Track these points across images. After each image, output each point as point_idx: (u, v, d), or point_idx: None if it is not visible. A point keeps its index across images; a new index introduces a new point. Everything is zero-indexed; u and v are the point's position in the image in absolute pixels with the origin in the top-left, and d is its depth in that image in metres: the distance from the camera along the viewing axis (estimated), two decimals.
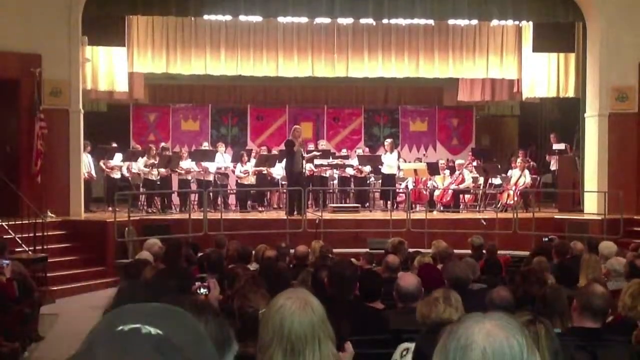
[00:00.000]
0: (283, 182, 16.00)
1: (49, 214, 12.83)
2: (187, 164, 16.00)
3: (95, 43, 14.78)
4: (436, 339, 1.50)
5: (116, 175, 15.61)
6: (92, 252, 12.70)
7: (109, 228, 12.75)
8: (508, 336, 1.38)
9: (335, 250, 9.74)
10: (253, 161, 16.33)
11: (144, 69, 16.31)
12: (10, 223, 11.63)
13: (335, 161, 16.70)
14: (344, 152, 17.90)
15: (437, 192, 16.21)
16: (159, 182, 15.80)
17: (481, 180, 16.75)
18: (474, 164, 17.11)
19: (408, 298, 4.80)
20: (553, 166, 17.18)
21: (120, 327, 1.06)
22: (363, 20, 15.80)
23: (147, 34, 15.99)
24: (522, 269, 6.50)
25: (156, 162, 15.54)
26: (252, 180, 16.34)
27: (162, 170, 15.63)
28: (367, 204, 16.73)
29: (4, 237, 10.40)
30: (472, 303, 4.33)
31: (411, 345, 3.53)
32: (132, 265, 6.32)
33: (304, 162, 14.79)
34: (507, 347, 1.37)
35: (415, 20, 15.55)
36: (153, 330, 1.05)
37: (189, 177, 16.14)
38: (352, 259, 8.63)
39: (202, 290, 4.14)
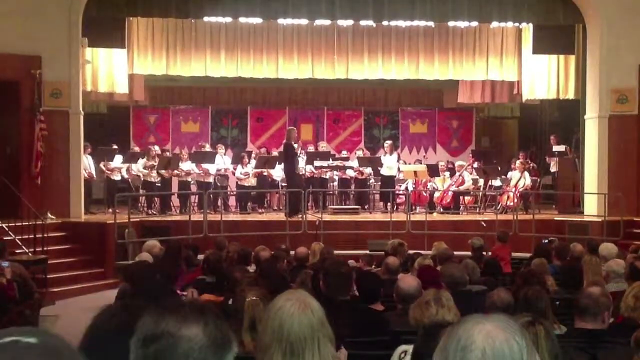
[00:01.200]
0: (283, 184, 16.01)
1: (49, 215, 12.83)
2: (187, 165, 15.99)
3: (96, 45, 14.77)
4: (434, 340, 1.50)
5: (116, 177, 15.60)
6: (92, 253, 12.69)
7: (109, 230, 12.75)
8: (508, 337, 1.38)
9: (335, 252, 9.75)
10: (253, 162, 16.34)
11: (144, 71, 16.31)
12: (10, 224, 11.62)
13: (335, 163, 16.70)
14: (344, 153, 17.91)
15: (437, 194, 16.21)
16: (158, 184, 15.79)
17: (481, 182, 16.75)
18: (474, 165, 17.13)
19: (408, 299, 4.81)
20: (553, 168, 17.18)
21: None
22: (363, 22, 15.79)
23: (147, 35, 16.00)
24: (522, 271, 6.51)
25: (155, 164, 15.54)
26: (252, 182, 16.35)
27: (163, 171, 15.64)
28: (367, 205, 16.73)
29: (4, 238, 10.38)
30: (472, 305, 4.34)
31: (409, 348, 3.52)
32: (133, 267, 6.31)
33: (301, 163, 14.73)
34: (507, 349, 1.38)
35: (415, 22, 15.54)
36: (32, 340, 1.18)
37: (189, 179, 16.13)
38: (352, 261, 8.65)
39: None
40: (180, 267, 7.89)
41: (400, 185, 16.49)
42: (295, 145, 14.61)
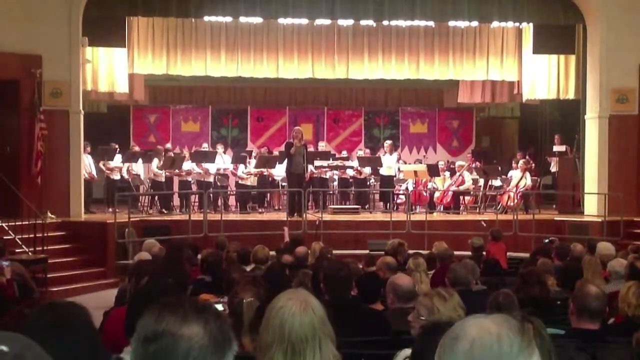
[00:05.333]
0: (284, 184, 16.01)
1: (49, 214, 12.83)
2: (187, 165, 15.99)
3: (96, 44, 14.76)
4: (434, 340, 1.50)
5: (116, 176, 15.60)
6: (92, 253, 12.69)
7: (109, 229, 12.75)
8: (500, 332, 1.40)
9: (335, 252, 9.74)
10: (254, 162, 16.33)
11: (144, 70, 16.30)
12: (10, 224, 11.62)
13: (335, 162, 16.69)
14: (344, 153, 17.90)
15: (437, 194, 16.21)
16: (164, 183, 15.76)
17: (481, 182, 16.75)
18: (475, 165, 17.12)
19: (406, 298, 4.85)
20: (553, 168, 17.18)
21: None
22: (363, 22, 15.79)
23: (147, 35, 15.99)
24: (521, 271, 6.50)
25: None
26: (254, 181, 16.33)
27: (163, 171, 15.64)
28: (367, 205, 16.73)
29: (4, 237, 10.39)
30: (473, 304, 4.32)
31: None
32: (136, 266, 6.29)
33: (305, 163, 14.67)
34: (496, 342, 1.39)
35: (416, 22, 15.53)
36: (4, 347, 1.28)
37: (189, 179, 16.13)
38: (349, 260, 8.63)
39: None
40: (183, 267, 7.87)
41: (401, 185, 16.49)
42: (294, 144, 14.53)
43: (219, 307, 4.18)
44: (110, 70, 15.45)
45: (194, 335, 1.57)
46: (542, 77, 16.20)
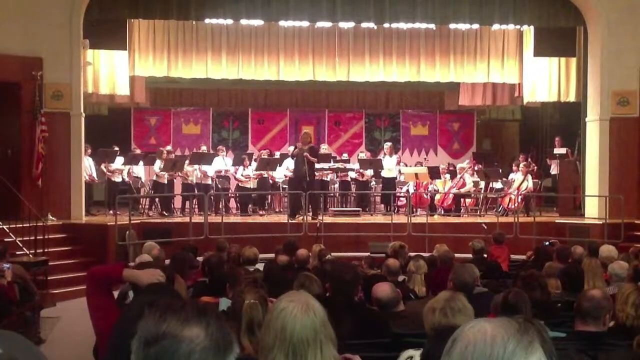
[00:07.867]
0: (284, 186, 16.00)
1: (50, 217, 12.84)
2: (188, 167, 15.97)
3: (97, 46, 14.78)
4: (445, 343, 1.52)
5: (117, 178, 15.60)
6: (93, 255, 12.66)
7: (109, 231, 12.75)
8: (495, 333, 1.43)
9: (336, 254, 9.74)
10: (254, 165, 16.33)
11: (145, 73, 16.32)
12: (11, 226, 11.62)
13: (336, 165, 16.69)
14: (345, 156, 17.90)
15: (438, 196, 16.21)
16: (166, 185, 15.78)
17: (482, 184, 16.74)
18: (476, 167, 17.11)
19: (389, 305, 5.00)
20: (554, 170, 17.17)
21: None
22: (364, 24, 15.78)
23: (148, 37, 16.01)
24: (522, 274, 6.49)
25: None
26: (254, 183, 16.32)
27: (166, 173, 15.65)
28: (368, 207, 16.73)
29: (5, 240, 10.38)
30: (475, 306, 4.32)
31: (416, 353, 3.51)
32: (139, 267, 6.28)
33: (306, 167, 14.63)
34: (490, 342, 1.42)
35: (417, 25, 15.53)
36: None
37: (191, 181, 16.12)
38: (356, 263, 8.64)
39: None
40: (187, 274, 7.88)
41: (402, 188, 16.49)
42: (297, 147, 14.56)
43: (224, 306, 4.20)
44: (111, 72, 15.48)
45: (195, 337, 1.57)
46: (543, 80, 16.22)
